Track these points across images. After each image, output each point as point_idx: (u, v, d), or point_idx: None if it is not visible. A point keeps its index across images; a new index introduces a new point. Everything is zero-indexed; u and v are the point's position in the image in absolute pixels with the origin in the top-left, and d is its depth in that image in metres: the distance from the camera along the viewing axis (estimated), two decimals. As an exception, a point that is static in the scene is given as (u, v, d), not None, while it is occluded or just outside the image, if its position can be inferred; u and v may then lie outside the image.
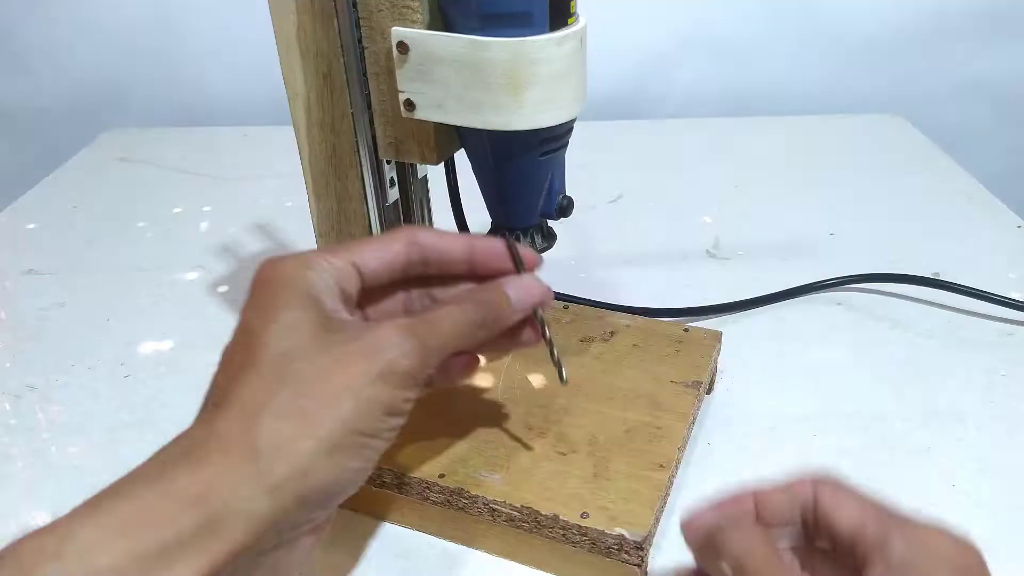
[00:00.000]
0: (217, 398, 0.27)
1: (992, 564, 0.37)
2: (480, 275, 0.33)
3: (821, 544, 0.28)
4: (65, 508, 0.42)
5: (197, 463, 0.24)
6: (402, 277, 0.33)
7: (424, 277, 0.34)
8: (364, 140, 0.39)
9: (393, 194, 0.42)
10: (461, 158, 0.39)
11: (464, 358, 0.35)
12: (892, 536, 0.26)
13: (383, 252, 0.31)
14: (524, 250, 0.34)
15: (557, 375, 0.36)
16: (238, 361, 0.27)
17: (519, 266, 0.33)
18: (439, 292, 0.34)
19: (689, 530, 0.29)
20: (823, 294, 0.58)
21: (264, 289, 0.29)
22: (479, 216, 0.42)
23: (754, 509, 0.29)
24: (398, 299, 0.34)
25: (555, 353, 0.36)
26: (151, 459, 0.25)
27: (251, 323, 0.28)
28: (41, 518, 0.42)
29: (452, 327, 0.30)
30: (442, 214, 0.46)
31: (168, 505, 0.23)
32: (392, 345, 0.27)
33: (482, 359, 0.38)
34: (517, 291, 0.32)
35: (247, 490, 0.24)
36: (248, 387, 0.26)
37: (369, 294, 0.32)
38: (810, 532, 0.28)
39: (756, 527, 0.28)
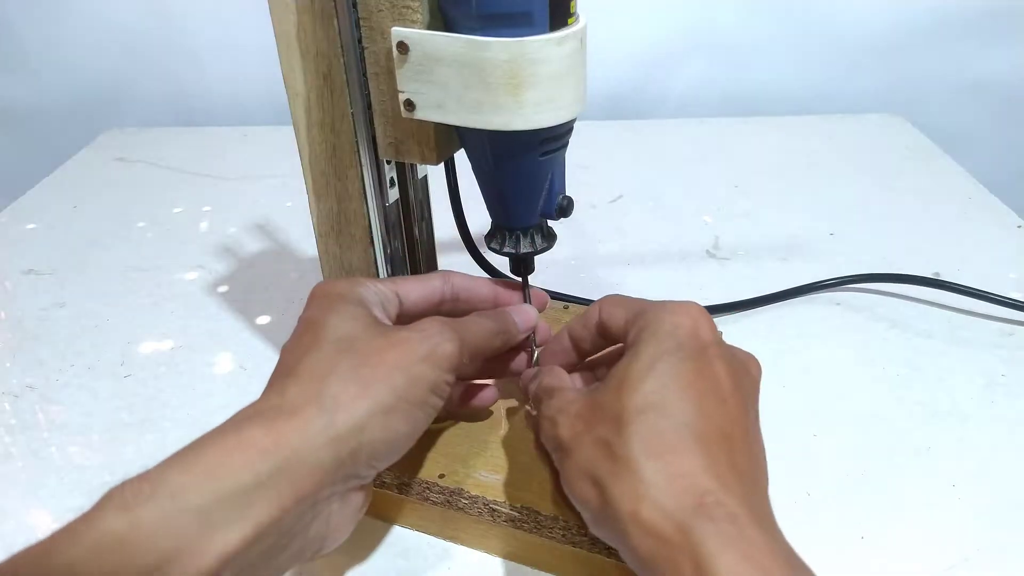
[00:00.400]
0: (286, 371, 0.31)
1: (992, 564, 0.37)
2: None
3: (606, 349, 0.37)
4: (65, 508, 0.42)
5: (271, 419, 0.28)
6: (434, 311, 0.38)
7: (452, 313, 0.39)
8: (364, 140, 0.39)
9: (393, 194, 0.42)
10: (461, 158, 0.39)
11: (484, 386, 0.41)
12: (631, 324, 0.33)
13: (422, 287, 0.37)
14: (536, 289, 0.41)
15: None
16: (304, 343, 0.31)
17: (527, 299, 0.41)
18: None
19: (523, 386, 0.39)
20: (823, 294, 0.58)
21: (322, 297, 0.34)
22: (479, 216, 0.42)
23: (570, 344, 0.38)
24: None
25: None
26: (229, 420, 0.28)
27: (313, 317, 0.33)
28: (41, 518, 0.42)
29: (478, 328, 0.36)
30: (442, 214, 0.46)
31: (246, 453, 0.27)
32: (436, 332, 0.32)
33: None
34: (519, 315, 0.39)
35: (313, 440, 0.28)
36: (314, 361, 0.30)
37: (404, 322, 0.36)
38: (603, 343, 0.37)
39: (551, 369, 0.37)
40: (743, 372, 0.31)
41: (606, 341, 0.36)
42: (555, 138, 0.35)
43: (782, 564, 0.25)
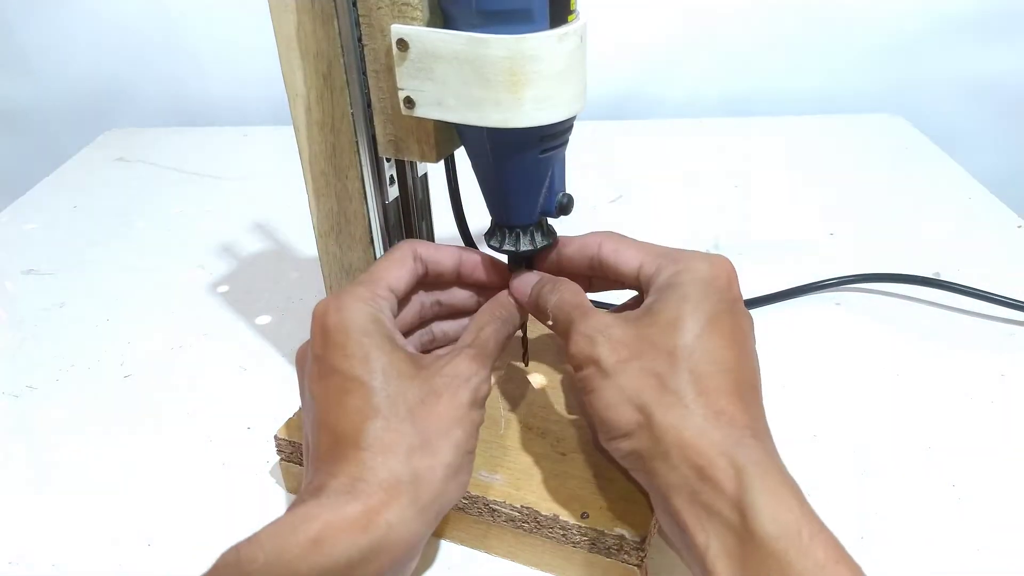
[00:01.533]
0: (350, 440, 0.31)
1: (992, 564, 0.37)
2: (466, 282, 0.40)
3: (600, 286, 0.39)
4: (65, 508, 0.42)
5: (364, 496, 0.29)
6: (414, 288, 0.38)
7: (424, 286, 0.39)
8: (364, 138, 0.39)
9: (393, 192, 0.42)
10: (461, 156, 0.39)
11: None
12: (661, 266, 0.34)
13: (403, 272, 0.36)
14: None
15: (522, 355, 0.43)
16: (358, 408, 0.31)
17: (512, 271, 0.39)
18: (442, 296, 0.40)
19: (517, 294, 0.38)
20: (823, 294, 0.58)
21: (347, 337, 0.32)
22: (479, 214, 0.42)
23: (557, 259, 0.38)
24: (414, 306, 0.39)
25: (526, 336, 0.42)
26: (325, 494, 0.29)
27: (355, 371, 0.32)
28: (41, 518, 0.42)
29: (495, 345, 0.36)
30: (442, 212, 0.46)
31: (348, 531, 0.28)
32: (471, 374, 0.33)
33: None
34: (517, 290, 0.38)
35: (404, 514, 0.29)
36: (380, 431, 0.31)
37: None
38: (594, 276, 0.38)
39: (569, 284, 0.36)
40: (752, 328, 0.35)
41: (593, 273, 0.38)
42: (555, 135, 0.35)
43: (804, 502, 0.28)
